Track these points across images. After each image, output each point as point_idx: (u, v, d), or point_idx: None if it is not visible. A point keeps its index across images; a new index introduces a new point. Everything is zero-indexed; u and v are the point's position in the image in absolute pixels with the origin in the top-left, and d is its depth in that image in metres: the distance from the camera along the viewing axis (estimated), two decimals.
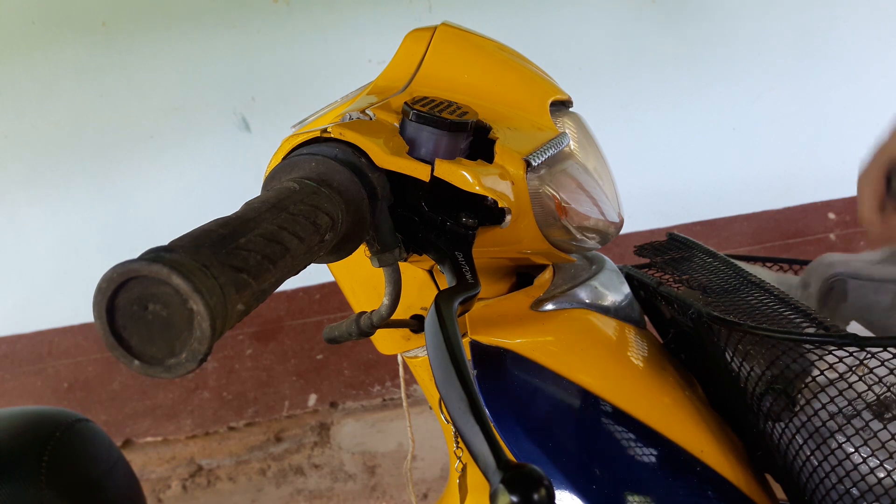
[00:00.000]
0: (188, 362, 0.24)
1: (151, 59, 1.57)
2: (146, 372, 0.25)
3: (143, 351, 0.25)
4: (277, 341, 1.72)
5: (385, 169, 0.39)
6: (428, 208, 0.41)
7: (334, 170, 0.36)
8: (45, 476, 0.58)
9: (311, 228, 0.31)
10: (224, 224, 0.28)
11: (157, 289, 0.24)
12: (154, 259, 0.24)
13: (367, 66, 1.53)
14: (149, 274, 0.24)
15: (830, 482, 0.47)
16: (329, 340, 0.48)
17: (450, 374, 0.31)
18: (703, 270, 0.63)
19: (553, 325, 0.50)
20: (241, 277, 0.26)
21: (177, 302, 0.24)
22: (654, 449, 0.48)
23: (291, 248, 0.30)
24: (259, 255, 0.28)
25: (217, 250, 0.26)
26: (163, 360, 0.25)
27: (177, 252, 0.25)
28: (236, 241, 0.27)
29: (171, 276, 0.23)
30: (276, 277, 0.29)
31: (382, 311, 0.44)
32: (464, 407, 0.29)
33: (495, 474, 0.26)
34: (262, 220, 0.29)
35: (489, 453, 0.27)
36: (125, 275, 0.24)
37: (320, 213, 0.32)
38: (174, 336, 0.24)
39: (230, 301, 0.25)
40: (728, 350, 0.49)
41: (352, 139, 0.38)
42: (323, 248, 0.33)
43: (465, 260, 0.40)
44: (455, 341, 0.32)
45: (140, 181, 1.65)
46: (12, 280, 1.71)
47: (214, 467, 1.67)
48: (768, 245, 1.72)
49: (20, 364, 1.73)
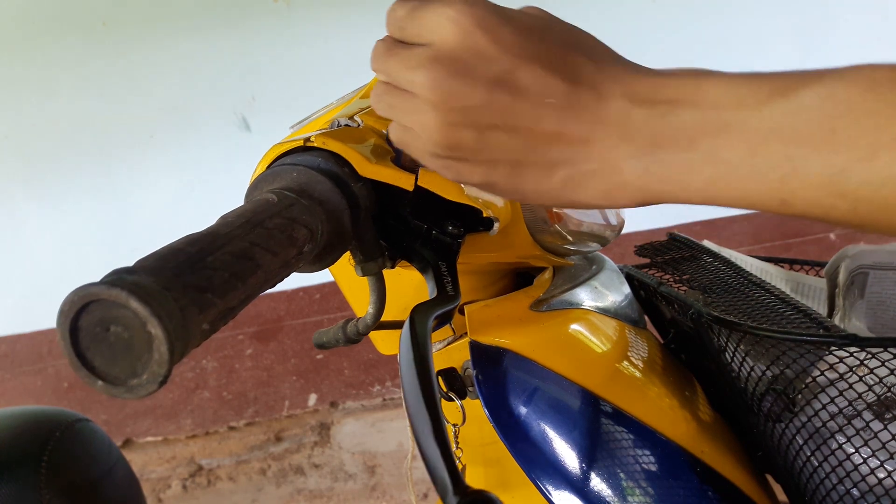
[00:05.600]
0: (149, 383, 0.25)
1: (151, 59, 1.57)
2: (109, 392, 0.25)
3: (107, 371, 0.25)
4: (277, 341, 1.72)
5: (369, 178, 0.38)
6: (413, 217, 0.41)
7: (315, 180, 0.36)
8: (45, 476, 0.58)
9: (286, 242, 0.31)
10: (192, 242, 0.28)
11: (117, 312, 0.24)
12: (114, 282, 0.24)
13: (367, 66, 1.53)
14: (108, 297, 0.24)
15: (831, 483, 0.47)
16: (318, 346, 0.48)
17: (417, 394, 0.31)
18: (703, 270, 0.63)
19: (553, 325, 0.50)
20: (206, 297, 0.26)
21: (136, 325, 0.24)
22: (654, 449, 0.48)
23: (263, 263, 0.30)
24: (227, 273, 0.28)
25: (181, 271, 0.26)
26: (125, 381, 0.25)
27: (138, 274, 0.25)
28: (203, 260, 0.27)
29: (130, 300, 0.24)
30: (245, 294, 0.29)
31: (367, 320, 0.44)
32: (427, 430, 0.30)
33: (452, 498, 0.27)
34: (234, 236, 0.29)
35: (447, 478, 0.28)
36: (86, 298, 0.24)
37: (298, 225, 0.32)
38: (135, 358, 0.25)
39: (192, 322, 0.25)
40: (728, 350, 0.49)
41: (334, 148, 0.38)
42: (302, 260, 0.33)
43: (447, 270, 0.40)
44: (425, 361, 0.32)
45: (140, 181, 1.65)
46: (12, 280, 1.71)
47: (214, 467, 1.67)
48: (768, 245, 1.72)
49: (20, 364, 1.73)
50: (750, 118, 0.28)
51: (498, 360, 0.48)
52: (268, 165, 0.39)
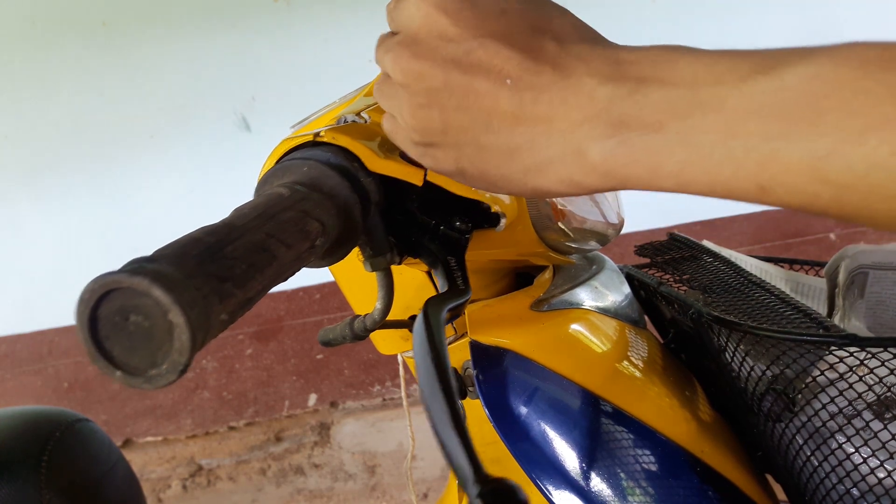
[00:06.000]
0: (169, 373, 0.24)
1: (151, 59, 1.57)
2: (128, 383, 0.25)
3: (126, 361, 0.25)
4: (277, 341, 1.72)
5: (378, 173, 0.39)
6: (421, 212, 0.41)
7: (326, 174, 0.36)
8: (45, 476, 0.58)
9: (300, 235, 0.31)
10: (210, 232, 0.28)
11: (138, 300, 0.24)
12: (135, 270, 0.24)
13: (368, 66, 1.53)
14: (130, 285, 0.24)
15: (831, 482, 0.47)
16: (324, 343, 0.48)
17: (433, 385, 0.31)
18: (703, 270, 0.63)
19: (553, 325, 0.50)
20: (226, 287, 0.26)
21: (157, 314, 0.24)
22: (654, 449, 0.48)
23: (279, 255, 0.30)
24: (245, 264, 0.27)
25: (201, 260, 0.26)
26: (145, 371, 0.25)
27: (159, 262, 0.25)
28: (222, 250, 0.27)
29: (152, 287, 0.23)
30: (262, 286, 0.29)
31: (375, 316, 0.44)
32: (445, 419, 0.30)
33: (473, 487, 0.26)
34: (250, 227, 0.29)
35: (468, 466, 0.27)
36: (106, 286, 0.24)
37: (310, 219, 0.32)
38: (156, 347, 0.24)
39: (213, 312, 0.25)
40: (728, 350, 0.49)
41: (344, 143, 0.38)
42: (313, 254, 0.33)
43: (457, 265, 0.40)
44: (441, 351, 0.32)
45: (140, 181, 1.66)
46: (12, 280, 1.71)
47: (214, 467, 1.67)
48: (768, 245, 1.72)
49: (20, 364, 1.73)
50: (728, 96, 0.26)
51: (498, 360, 0.48)
52: (277, 160, 0.39)
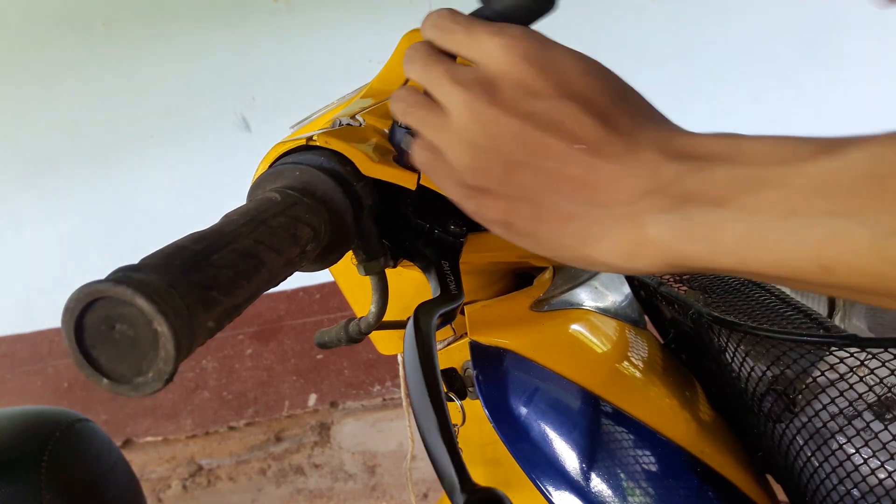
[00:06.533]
0: (154, 381, 0.25)
1: (151, 58, 1.57)
2: (114, 390, 0.25)
3: (112, 369, 0.25)
4: (277, 341, 1.72)
5: (371, 177, 0.38)
6: (415, 216, 0.41)
7: (318, 179, 0.36)
8: (45, 476, 0.58)
9: (290, 241, 0.31)
10: (198, 239, 0.28)
11: (122, 309, 0.24)
12: (120, 280, 0.24)
13: (368, 66, 1.53)
14: (114, 295, 0.24)
15: (831, 483, 0.47)
16: (320, 345, 0.48)
17: (422, 393, 0.31)
18: None
19: (553, 326, 0.50)
20: (211, 295, 0.26)
21: (142, 323, 0.24)
22: (654, 449, 0.48)
23: (268, 261, 0.30)
24: (231, 272, 0.27)
25: (187, 268, 0.26)
26: (131, 379, 0.25)
27: (144, 271, 0.25)
28: (209, 258, 0.27)
29: (136, 297, 0.23)
30: (251, 292, 0.29)
31: (370, 319, 0.44)
32: (433, 427, 0.30)
33: (460, 496, 0.27)
34: (239, 233, 0.29)
35: (454, 475, 0.28)
36: (91, 295, 0.24)
37: (301, 224, 0.32)
38: (141, 356, 0.24)
39: (198, 320, 0.25)
40: (728, 350, 0.49)
41: (337, 147, 0.38)
42: (304, 259, 0.33)
43: (450, 269, 0.40)
44: (430, 359, 0.32)
45: (140, 181, 1.66)
46: (12, 280, 1.71)
47: (214, 467, 1.67)
48: None
49: (20, 364, 1.73)
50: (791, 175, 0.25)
51: (498, 361, 0.48)
52: (270, 164, 0.39)
